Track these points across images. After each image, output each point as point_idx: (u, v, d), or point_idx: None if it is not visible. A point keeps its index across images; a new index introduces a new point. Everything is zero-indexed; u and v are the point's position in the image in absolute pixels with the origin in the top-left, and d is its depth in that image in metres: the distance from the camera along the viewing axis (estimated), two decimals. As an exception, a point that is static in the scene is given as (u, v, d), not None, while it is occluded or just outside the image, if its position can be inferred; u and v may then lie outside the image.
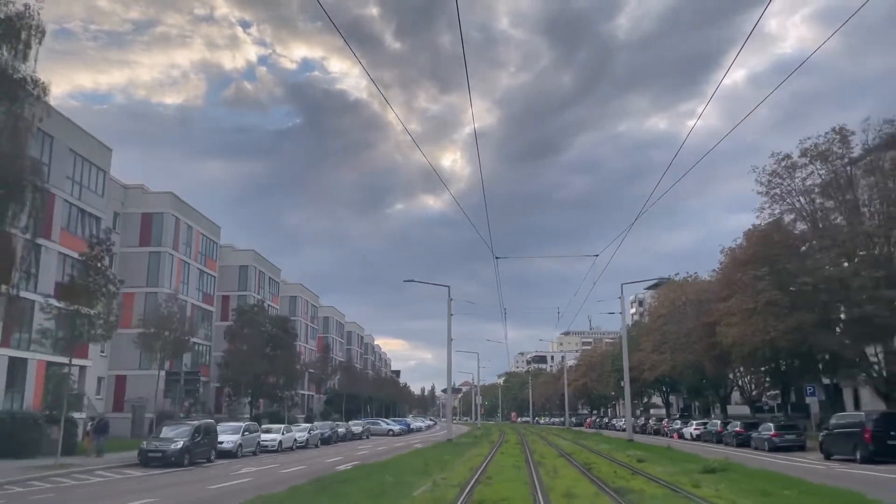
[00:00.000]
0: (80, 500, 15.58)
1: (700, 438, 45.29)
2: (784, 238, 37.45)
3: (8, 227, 20.07)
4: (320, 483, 15.94)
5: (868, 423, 25.67)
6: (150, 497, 16.06)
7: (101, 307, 25.18)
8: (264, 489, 15.73)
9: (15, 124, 19.69)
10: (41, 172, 21.67)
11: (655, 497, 13.35)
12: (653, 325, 66.66)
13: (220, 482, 19.82)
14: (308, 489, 14.72)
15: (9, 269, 20.50)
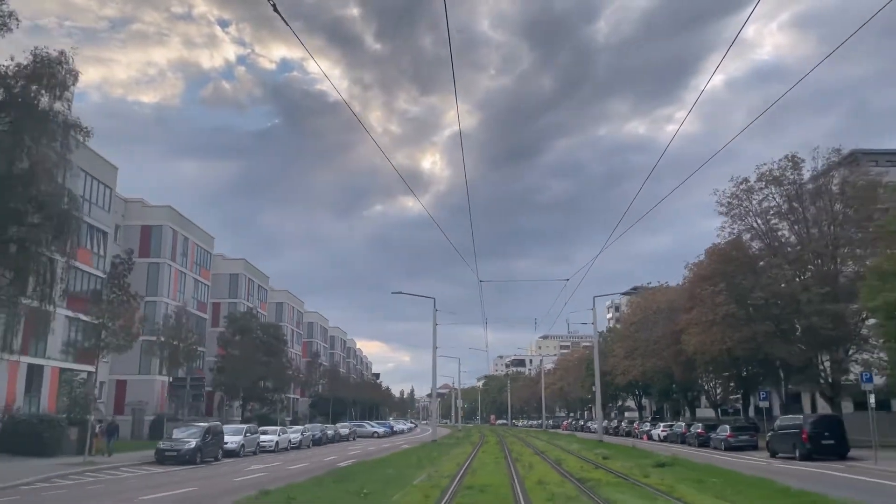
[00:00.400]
0: (130, 490, 18.38)
1: (667, 439, 48.72)
2: (741, 255, 40.99)
3: (50, 251, 22.89)
4: (335, 474, 18.99)
5: (805, 426, 29.23)
6: (190, 486, 18.97)
7: (124, 320, 27.97)
8: (282, 481, 18.68)
9: (58, 163, 22.46)
10: (78, 204, 24.42)
11: (610, 483, 16.57)
12: (625, 331, 70.13)
13: (240, 476, 22.73)
14: (328, 479, 17.74)
15: (50, 287, 23.30)
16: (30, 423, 29.89)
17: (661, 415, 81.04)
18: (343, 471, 21.15)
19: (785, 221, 41.52)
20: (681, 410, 72.39)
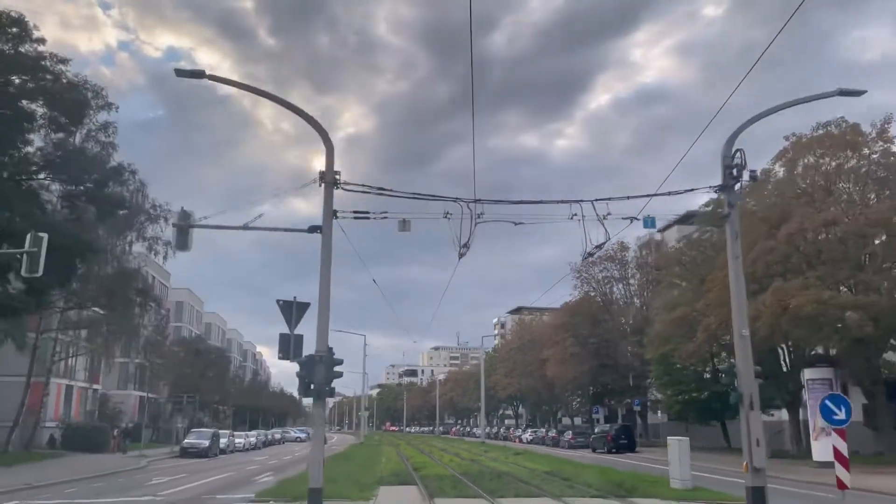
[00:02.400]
0: (191, 473, 31.36)
1: (532, 442, 65.07)
2: (584, 310, 57.98)
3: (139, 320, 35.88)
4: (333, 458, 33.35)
5: (611, 431, 46.13)
6: (229, 471, 32.58)
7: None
8: (289, 465, 32.58)
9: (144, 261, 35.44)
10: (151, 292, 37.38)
11: (485, 460, 31.90)
12: (506, 355, 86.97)
13: (250, 465, 36.10)
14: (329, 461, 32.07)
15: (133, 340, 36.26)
16: (84, 429, 42.04)
17: (533, 423, 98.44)
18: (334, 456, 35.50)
19: (618, 286, 59.16)
20: (548, 419, 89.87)
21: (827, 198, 29.20)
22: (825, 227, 27.61)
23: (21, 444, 37.31)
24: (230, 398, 72.89)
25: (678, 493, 18.34)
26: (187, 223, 15.68)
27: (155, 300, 34.81)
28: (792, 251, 28.58)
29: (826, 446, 28.83)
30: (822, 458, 28.94)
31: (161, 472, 29.07)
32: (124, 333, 35.78)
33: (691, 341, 35.53)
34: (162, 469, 31.79)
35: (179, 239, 15.77)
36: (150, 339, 41.68)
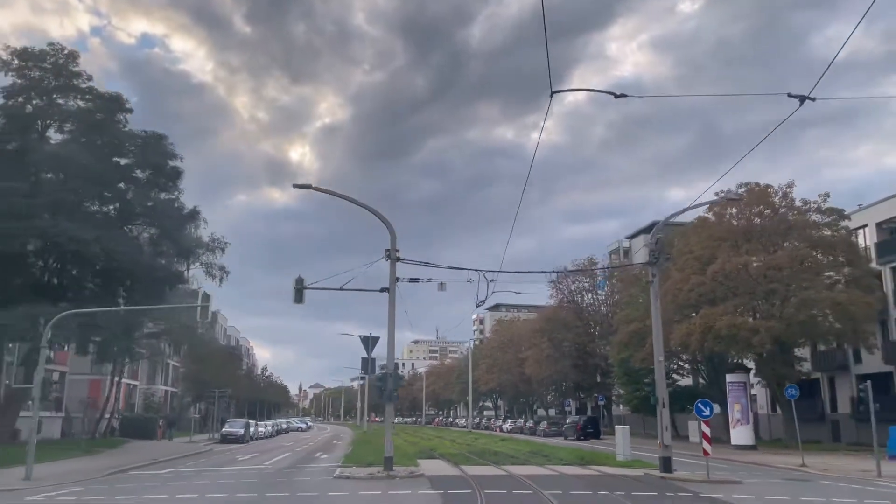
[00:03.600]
0: (259, 453, 39.74)
1: (512, 431, 74.15)
2: (559, 317, 67.07)
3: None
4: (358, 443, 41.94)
5: (580, 422, 55.33)
6: (284, 452, 41.01)
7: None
8: (327, 445, 40.98)
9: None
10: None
11: (478, 446, 40.74)
12: (487, 352, 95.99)
13: (285, 446, 44.58)
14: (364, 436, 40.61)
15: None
16: (137, 420, 50.13)
17: (511, 414, 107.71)
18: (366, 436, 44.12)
19: (589, 295, 68.34)
20: (525, 411, 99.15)
21: (745, 244, 38.38)
22: (739, 268, 36.70)
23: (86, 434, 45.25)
24: (242, 391, 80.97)
25: (620, 462, 27.30)
26: (302, 285, 24.20)
27: (213, 314, 43.06)
28: (716, 285, 37.68)
29: (739, 433, 38.41)
30: (737, 442, 38.39)
31: (233, 453, 37.48)
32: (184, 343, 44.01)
33: (643, 349, 44.55)
34: (230, 450, 40.23)
35: (297, 295, 24.26)
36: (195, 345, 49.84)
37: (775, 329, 35.48)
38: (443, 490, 17.42)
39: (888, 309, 40.65)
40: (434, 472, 22.98)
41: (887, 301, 40.55)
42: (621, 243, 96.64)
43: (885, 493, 18.59)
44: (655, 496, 17.07)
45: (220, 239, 39.84)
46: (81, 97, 35.87)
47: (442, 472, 23.20)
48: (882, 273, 41.19)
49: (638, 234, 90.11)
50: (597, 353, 64.04)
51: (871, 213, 43.41)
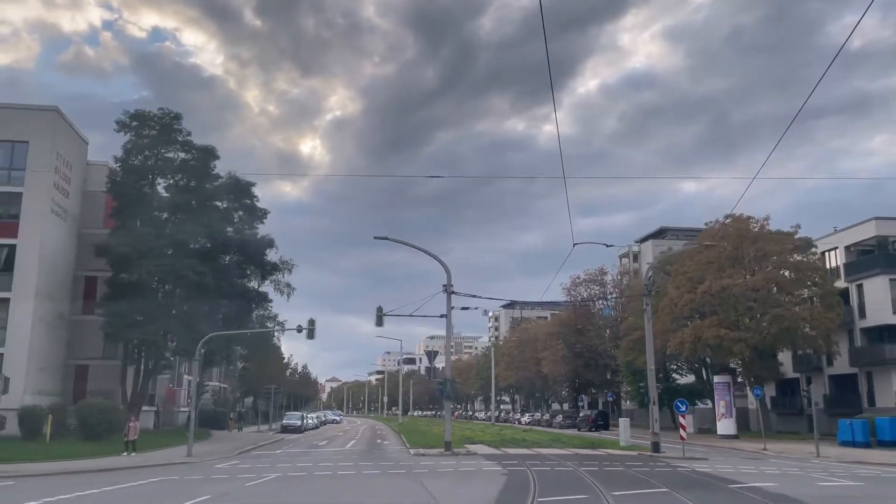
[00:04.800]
0: (329, 440, 48.12)
1: (530, 423, 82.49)
2: (572, 321, 75.19)
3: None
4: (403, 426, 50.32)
5: (591, 415, 63.67)
6: (349, 438, 49.49)
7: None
8: (374, 434, 49.34)
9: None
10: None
11: (507, 435, 49.04)
12: (505, 351, 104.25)
13: (339, 435, 52.95)
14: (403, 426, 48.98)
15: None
16: (211, 413, 58.79)
17: (527, 408, 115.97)
18: (400, 427, 52.61)
19: (600, 302, 76.45)
20: (540, 405, 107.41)
21: (729, 268, 46.38)
22: (723, 289, 44.72)
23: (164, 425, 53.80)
24: (285, 386, 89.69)
25: (622, 446, 35.54)
26: (382, 313, 32.55)
27: (281, 325, 51.60)
28: (705, 302, 45.73)
29: (724, 425, 46.47)
30: (722, 432, 46.47)
31: (305, 441, 46.03)
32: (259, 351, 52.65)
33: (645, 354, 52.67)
34: (297, 439, 48.81)
35: (378, 320, 32.59)
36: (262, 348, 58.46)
37: (753, 339, 43.55)
38: (496, 462, 25.75)
39: (854, 320, 48.60)
40: (483, 452, 31.35)
41: (853, 313, 48.51)
42: (630, 247, 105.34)
43: (806, 465, 26.69)
44: (642, 465, 25.26)
45: (289, 261, 48.24)
46: (182, 149, 44.27)
47: (488, 452, 31.55)
48: (849, 289, 49.11)
49: (647, 239, 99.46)
50: (607, 354, 72.00)
51: (840, 237, 51.26)
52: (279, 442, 44.56)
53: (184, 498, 15.45)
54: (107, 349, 43.29)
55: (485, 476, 20.40)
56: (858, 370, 48.57)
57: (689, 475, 21.23)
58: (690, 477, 20.67)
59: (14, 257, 36.60)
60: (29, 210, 37.27)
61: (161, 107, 43.26)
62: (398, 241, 33.56)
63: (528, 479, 19.06)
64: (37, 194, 37.58)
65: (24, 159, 37.54)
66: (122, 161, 42.49)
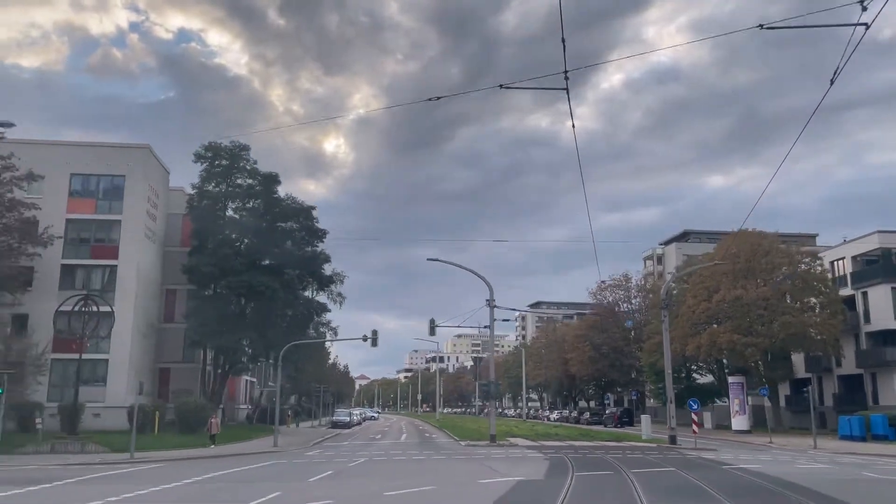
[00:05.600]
0: (382, 435, 53.80)
1: (559, 420, 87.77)
2: (598, 323, 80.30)
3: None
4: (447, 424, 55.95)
5: (617, 412, 68.91)
6: (399, 432, 55.23)
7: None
8: (415, 429, 54.98)
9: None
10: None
11: (540, 430, 54.48)
12: (534, 351, 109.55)
13: (387, 431, 58.69)
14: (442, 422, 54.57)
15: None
16: (269, 410, 64.86)
17: (556, 405, 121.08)
18: (443, 422, 58.24)
19: (625, 305, 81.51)
20: (567, 402, 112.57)
21: (742, 279, 51.28)
22: (736, 298, 49.68)
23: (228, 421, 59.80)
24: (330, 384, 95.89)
25: (643, 440, 40.78)
26: (434, 324, 38.13)
27: (334, 330, 57.53)
28: (720, 310, 50.73)
29: (738, 421, 51.45)
30: (736, 428, 51.43)
31: (362, 434, 51.85)
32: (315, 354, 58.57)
33: (667, 356, 57.79)
34: (350, 433, 54.67)
35: (430, 330, 38.19)
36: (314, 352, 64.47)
37: (763, 344, 48.52)
38: (537, 450, 31.22)
39: (860, 325, 53.26)
40: (522, 444, 36.85)
41: (859, 319, 53.17)
42: (655, 250, 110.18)
43: (798, 455, 31.78)
44: (658, 454, 30.55)
45: (341, 273, 54.13)
46: (249, 176, 50.23)
47: (527, 443, 37.02)
48: (855, 296, 53.76)
49: (670, 242, 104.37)
50: (631, 355, 77.02)
51: (847, 248, 55.90)
52: (338, 436, 50.37)
53: (311, 474, 21.09)
54: (186, 353, 49.49)
55: (531, 460, 25.93)
56: (864, 371, 53.23)
57: (693, 460, 26.56)
58: (695, 461, 25.99)
59: (116, 276, 42.75)
60: (127, 235, 43.41)
61: (232, 140, 49.19)
62: (449, 262, 39.18)
63: (565, 461, 24.53)
64: (133, 221, 43.71)
65: (121, 191, 43.65)
66: (199, 188, 48.57)
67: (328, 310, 52.59)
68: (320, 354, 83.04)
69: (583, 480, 18.41)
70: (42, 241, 38.80)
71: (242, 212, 49.87)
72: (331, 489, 16.72)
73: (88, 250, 43.47)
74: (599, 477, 19.66)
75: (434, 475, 20.57)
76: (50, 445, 30.19)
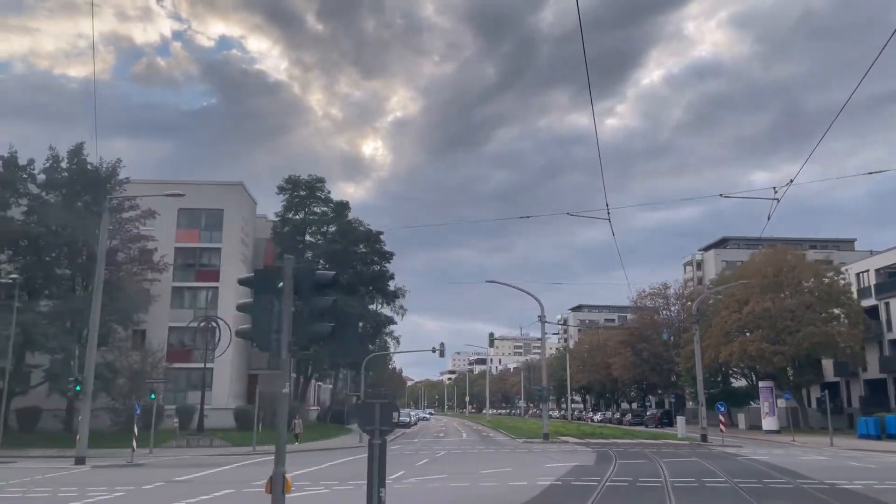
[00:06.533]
0: (445, 434, 60.33)
1: (602, 421, 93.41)
2: (638, 329, 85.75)
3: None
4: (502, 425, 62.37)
5: (657, 414, 74.56)
6: (459, 431, 61.81)
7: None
8: (468, 429, 61.44)
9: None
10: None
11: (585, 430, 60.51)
12: (576, 355, 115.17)
13: (446, 430, 65.18)
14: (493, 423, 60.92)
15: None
16: (339, 410, 72.02)
17: (599, 407, 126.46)
18: (495, 422, 64.66)
19: (663, 313, 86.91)
20: (610, 404, 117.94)
21: (770, 292, 56.56)
22: (764, 310, 55.01)
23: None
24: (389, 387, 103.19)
25: (678, 438, 46.57)
26: (493, 338, 44.46)
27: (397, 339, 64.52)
28: (749, 320, 56.11)
29: (768, 422, 56.83)
30: (766, 428, 56.74)
31: (424, 433, 58.44)
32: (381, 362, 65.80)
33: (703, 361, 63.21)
34: (412, 432, 61.36)
35: (490, 342, 44.49)
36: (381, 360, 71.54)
37: (790, 351, 53.81)
38: (585, 446, 37.40)
39: (883, 333, 58.13)
40: (572, 441, 43.03)
41: (882, 327, 58.04)
42: (694, 256, 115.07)
43: (810, 451, 37.34)
44: (687, 448, 36.41)
45: (402, 288, 60.99)
46: (324, 204, 57.35)
47: (576, 441, 43.19)
48: (878, 306, 58.61)
49: (709, 248, 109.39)
50: (670, 360, 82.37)
51: (872, 262, 60.82)
52: (405, 435, 57.12)
53: (414, 461, 27.63)
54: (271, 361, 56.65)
55: (582, 452, 32.22)
56: (887, 376, 58.09)
57: (716, 453, 32.51)
58: (716, 454, 31.95)
59: (217, 297, 50.16)
60: (225, 261, 50.82)
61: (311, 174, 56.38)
62: (505, 283, 45.52)
63: (609, 454, 30.76)
64: (230, 248, 51.11)
65: (220, 222, 51.04)
66: (282, 216, 55.89)
67: (394, 322, 59.49)
68: (384, 360, 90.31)
69: (623, 465, 24.66)
70: (158, 268, 46.24)
71: (318, 236, 57.00)
72: (438, 470, 23.22)
73: (194, 274, 50.98)
74: (636, 464, 25.85)
75: (509, 461, 27.01)
76: (185, 440, 37.42)
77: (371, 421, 10.65)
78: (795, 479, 19.92)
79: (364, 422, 10.75)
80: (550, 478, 20.49)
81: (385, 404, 10.82)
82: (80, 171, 41.04)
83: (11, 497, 17.50)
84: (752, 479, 19.75)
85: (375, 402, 10.88)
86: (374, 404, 10.82)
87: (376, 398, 68.71)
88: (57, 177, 41.20)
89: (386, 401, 11.40)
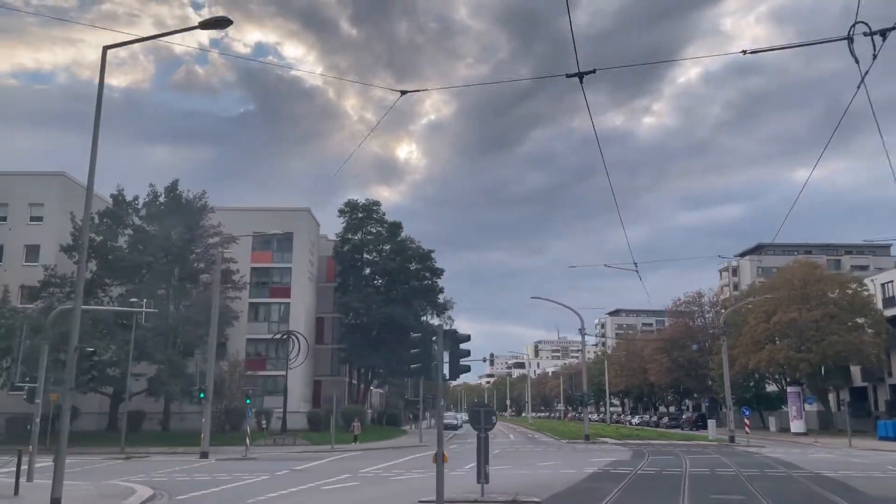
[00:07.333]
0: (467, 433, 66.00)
1: (639, 424, 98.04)
2: (674, 336, 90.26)
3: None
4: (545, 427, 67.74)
5: (693, 417, 79.17)
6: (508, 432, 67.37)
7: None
8: (523, 432, 66.72)
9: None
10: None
11: (623, 432, 65.51)
12: (614, 360, 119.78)
13: (490, 433, 70.83)
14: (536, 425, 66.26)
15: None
16: (392, 413, 78.04)
17: (637, 410, 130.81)
18: (539, 425, 70.04)
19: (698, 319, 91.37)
20: (647, 408, 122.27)
21: (797, 303, 61.01)
22: (791, 320, 59.51)
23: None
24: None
25: (709, 439, 51.44)
26: (537, 348, 49.78)
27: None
28: (777, 330, 60.65)
29: (796, 425, 61.33)
30: (794, 430, 61.21)
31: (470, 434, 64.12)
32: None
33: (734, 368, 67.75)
34: (461, 433, 67.00)
35: (534, 351, 49.79)
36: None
37: (815, 359, 58.27)
38: (623, 446, 42.65)
39: (908, 340, 62.22)
40: (611, 441, 48.24)
41: (907, 334, 62.12)
42: (730, 262, 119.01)
43: (823, 449, 42.04)
44: (715, 448, 41.36)
45: (451, 300, 66.70)
46: (379, 225, 63.37)
47: (615, 442, 48.39)
48: (903, 315, 62.68)
49: (745, 255, 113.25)
50: (706, 365, 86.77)
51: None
52: (456, 436, 62.77)
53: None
54: (333, 368, 62.99)
55: (620, 451, 37.57)
56: (912, 381, 62.26)
57: (737, 452, 37.57)
58: (737, 452, 37.00)
59: (289, 312, 56.49)
60: (296, 279, 57.20)
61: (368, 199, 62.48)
62: (548, 299, 50.86)
63: (644, 451, 36.07)
64: (299, 267, 57.47)
65: (290, 244, 57.40)
66: (342, 236, 62.09)
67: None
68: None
69: (654, 460, 30.04)
70: (238, 287, 52.61)
71: (374, 253, 63.05)
72: (501, 463, 28.76)
73: (268, 291, 57.42)
74: (665, 458, 31.19)
75: (557, 457, 32.54)
76: (273, 440, 43.59)
77: (478, 421, 16.24)
78: (791, 470, 25.10)
79: (473, 421, 16.32)
80: (594, 468, 25.99)
81: (487, 410, 16.42)
82: (175, 203, 47.57)
83: (181, 480, 23.42)
84: (755, 469, 24.97)
85: (481, 409, 16.48)
86: (480, 410, 16.42)
87: (428, 400, 74.49)
88: (154, 210, 47.82)
89: (488, 407, 16.97)
